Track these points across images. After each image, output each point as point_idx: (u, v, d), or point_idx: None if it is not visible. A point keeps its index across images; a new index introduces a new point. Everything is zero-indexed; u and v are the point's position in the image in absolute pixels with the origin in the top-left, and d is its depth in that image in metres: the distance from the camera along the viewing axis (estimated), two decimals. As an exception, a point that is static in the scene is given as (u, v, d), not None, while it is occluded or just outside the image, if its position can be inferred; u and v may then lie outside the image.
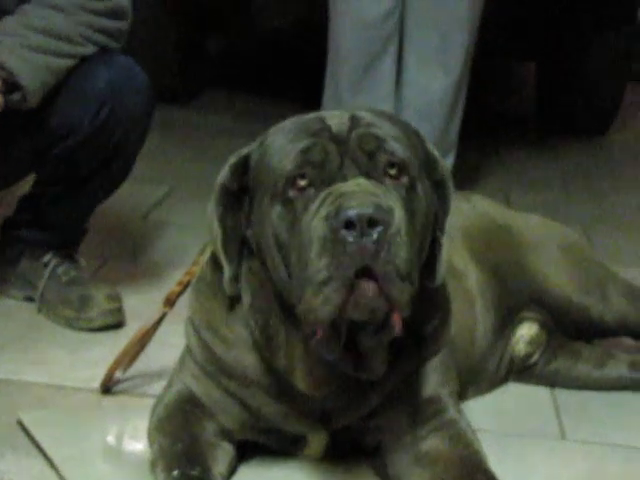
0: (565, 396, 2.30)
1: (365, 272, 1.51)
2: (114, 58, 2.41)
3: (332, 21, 3.31)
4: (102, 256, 2.90)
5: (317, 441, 1.84)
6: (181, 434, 1.77)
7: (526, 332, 2.31)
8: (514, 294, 2.28)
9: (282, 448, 1.87)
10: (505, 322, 2.27)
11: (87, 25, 2.31)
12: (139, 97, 2.41)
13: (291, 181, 1.62)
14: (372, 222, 1.51)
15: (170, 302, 2.11)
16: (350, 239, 1.50)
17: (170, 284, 2.18)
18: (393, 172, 1.63)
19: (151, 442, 1.80)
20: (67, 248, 2.60)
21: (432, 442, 1.77)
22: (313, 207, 1.59)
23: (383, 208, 1.53)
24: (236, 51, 6.07)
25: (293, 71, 5.38)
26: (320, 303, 1.53)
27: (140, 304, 2.52)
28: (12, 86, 2.23)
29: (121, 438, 1.96)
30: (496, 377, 2.28)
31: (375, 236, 1.51)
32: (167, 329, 2.13)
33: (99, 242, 2.92)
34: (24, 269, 2.58)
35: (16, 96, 2.24)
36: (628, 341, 2.46)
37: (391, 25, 3.24)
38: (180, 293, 2.09)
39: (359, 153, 1.63)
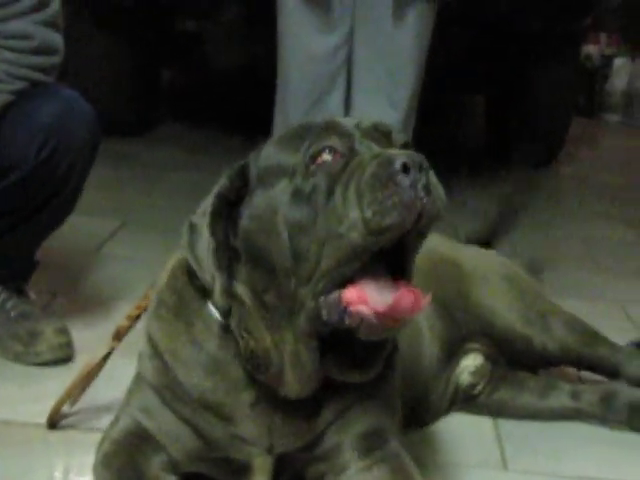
0: (507, 426, 2.32)
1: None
2: (59, 92, 2.42)
3: (280, 56, 3.30)
4: (52, 290, 2.90)
5: (262, 469, 1.81)
6: (127, 470, 1.77)
7: (471, 363, 2.34)
8: (460, 326, 2.32)
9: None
10: (450, 353, 2.30)
11: (12, 63, 2.32)
12: (84, 130, 2.40)
13: (316, 155, 1.62)
14: (421, 168, 1.54)
15: (119, 336, 2.10)
16: (407, 183, 1.52)
17: (121, 318, 2.16)
18: None
19: (96, 478, 1.79)
20: (16, 282, 2.59)
21: (375, 474, 1.77)
22: (352, 167, 1.58)
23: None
24: (189, 85, 6.11)
25: (245, 106, 5.41)
26: (390, 218, 1.51)
27: (90, 338, 2.51)
28: None
29: (67, 474, 1.97)
30: (439, 408, 2.30)
31: (424, 181, 1.54)
32: (115, 363, 2.13)
33: (50, 275, 2.91)
34: (-28, 304, 2.57)
35: None
36: (571, 371, 2.50)
37: (339, 60, 3.25)
38: (129, 327, 2.09)
39: (376, 134, 1.67)
